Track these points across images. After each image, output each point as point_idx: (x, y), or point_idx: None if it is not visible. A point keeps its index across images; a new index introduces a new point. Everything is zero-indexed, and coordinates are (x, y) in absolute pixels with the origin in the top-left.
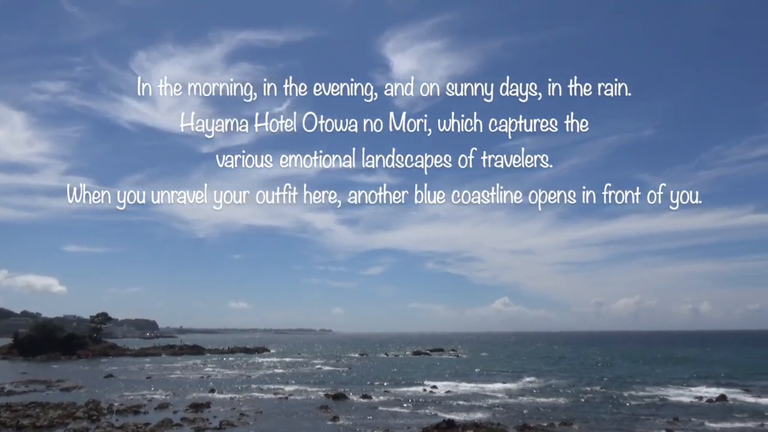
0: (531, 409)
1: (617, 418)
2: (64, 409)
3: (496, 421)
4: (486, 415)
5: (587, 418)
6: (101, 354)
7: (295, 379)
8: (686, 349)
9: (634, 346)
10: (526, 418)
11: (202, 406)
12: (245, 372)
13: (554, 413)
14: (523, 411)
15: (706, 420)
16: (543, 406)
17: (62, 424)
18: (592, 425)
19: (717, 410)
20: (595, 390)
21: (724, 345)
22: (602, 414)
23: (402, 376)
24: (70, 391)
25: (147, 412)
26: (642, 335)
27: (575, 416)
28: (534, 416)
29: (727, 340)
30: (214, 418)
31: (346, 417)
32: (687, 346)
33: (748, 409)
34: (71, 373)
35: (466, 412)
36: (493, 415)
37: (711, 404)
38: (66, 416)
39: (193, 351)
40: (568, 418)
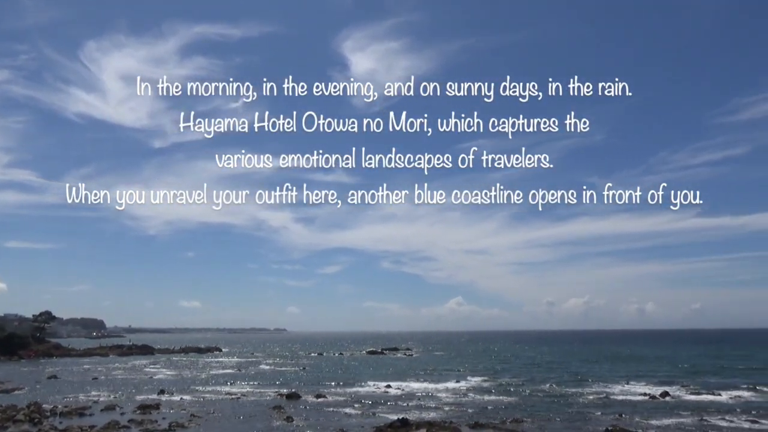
0: (483, 407)
1: (566, 415)
2: (4, 411)
3: (449, 420)
4: (439, 414)
5: (538, 415)
6: (44, 354)
7: (248, 379)
8: (632, 347)
9: (583, 345)
10: (478, 416)
11: (151, 407)
12: (196, 372)
13: (506, 411)
14: (475, 409)
15: (650, 416)
16: (495, 404)
17: (1, 427)
18: (542, 423)
19: (660, 407)
20: (546, 388)
21: (667, 343)
22: (552, 411)
23: (356, 375)
24: (10, 393)
25: (93, 414)
26: (591, 334)
27: (526, 414)
28: (486, 414)
29: (670, 339)
30: (164, 419)
31: (299, 417)
32: (633, 344)
33: (689, 405)
34: (12, 375)
35: (419, 411)
36: (446, 414)
37: (654, 401)
38: (5, 419)
39: (143, 351)
40: (519, 415)
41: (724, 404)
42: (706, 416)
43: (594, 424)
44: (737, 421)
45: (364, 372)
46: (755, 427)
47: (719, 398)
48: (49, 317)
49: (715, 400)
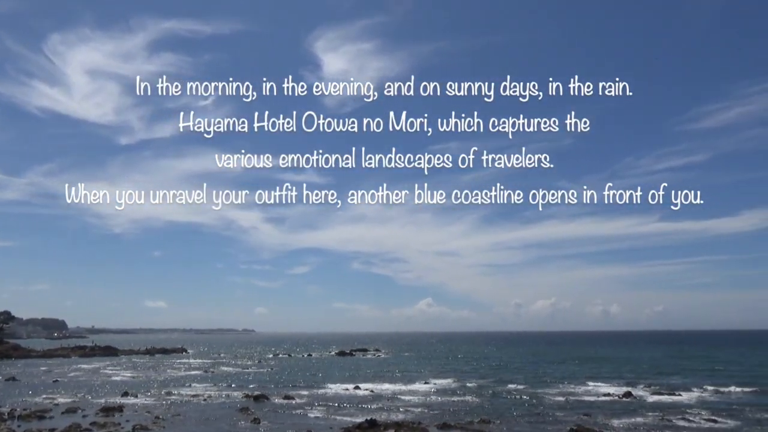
0: (452, 407)
1: (532, 416)
2: None
3: (417, 420)
4: (408, 415)
5: (505, 415)
6: (2, 356)
7: (214, 380)
8: (597, 348)
9: (550, 346)
10: (446, 417)
11: (114, 409)
12: (161, 374)
13: (473, 412)
14: (443, 410)
15: (613, 416)
16: (463, 405)
17: None
18: (509, 423)
19: (623, 407)
20: (513, 389)
21: (631, 345)
22: (519, 412)
23: (325, 376)
24: None
25: (53, 417)
26: (557, 335)
27: (494, 414)
28: (454, 415)
29: (634, 340)
30: (127, 422)
31: (267, 418)
32: (598, 345)
33: (651, 405)
34: None
35: (387, 412)
36: (415, 415)
37: (618, 401)
38: None
39: (106, 352)
40: (486, 416)
41: (685, 404)
42: (668, 416)
43: (559, 424)
44: (697, 421)
45: (332, 373)
46: (715, 426)
47: (680, 398)
48: (7, 317)
49: (676, 400)
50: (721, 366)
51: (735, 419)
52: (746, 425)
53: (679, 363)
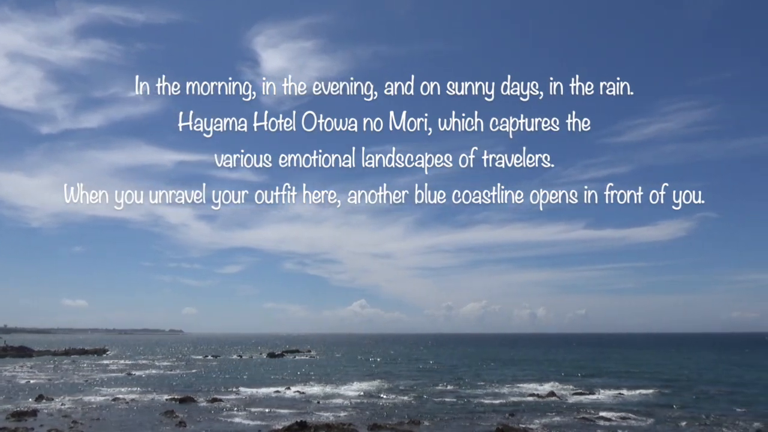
0: (382, 408)
1: (460, 416)
2: None
3: (348, 421)
4: (338, 416)
5: (434, 416)
6: None
7: (138, 382)
8: (524, 350)
9: (479, 347)
10: (377, 418)
11: (27, 414)
12: (80, 376)
13: (403, 412)
14: (374, 411)
15: (537, 415)
16: (393, 405)
17: None
18: (438, 423)
19: (546, 406)
20: (442, 390)
21: (556, 346)
22: (447, 412)
23: (255, 377)
24: None
25: None
26: (487, 337)
27: (423, 415)
28: (384, 416)
29: (558, 342)
30: (41, 427)
31: (193, 422)
32: (525, 347)
33: (572, 404)
34: None
35: (318, 414)
36: (345, 416)
37: (541, 400)
38: None
39: (20, 353)
40: (416, 417)
41: (605, 403)
42: (587, 414)
43: (485, 423)
44: (615, 419)
45: (263, 374)
46: (632, 424)
47: (600, 398)
48: None
49: (596, 400)
50: (639, 367)
51: (649, 417)
52: (659, 422)
53: (599, 364)
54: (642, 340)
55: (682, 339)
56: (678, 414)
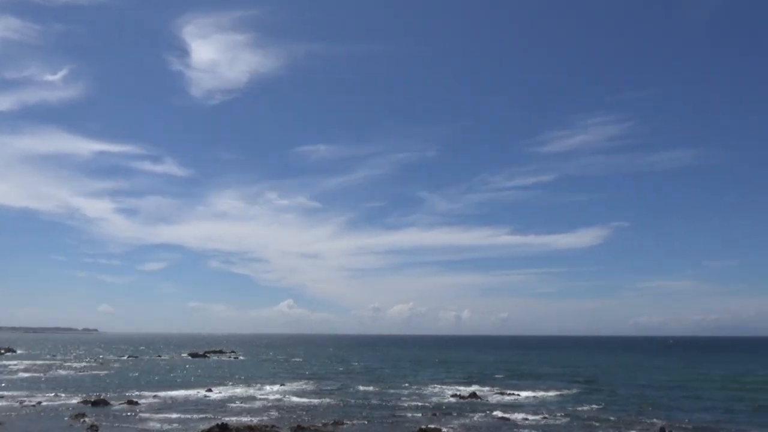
0: (306, 410)
1: (385, 417)
2: None
3: (270, 423)
4: (261, 418)
5: (358, 417)
6: None
7: (47, 384)
8: (449, 352)
9: (405, 349)
10: (300, 420)
11: None
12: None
13: (327, 414)
14: (298, 412)
15: (459, 415)
16: (317, 407)
17: None
18: (362, 424)
19: (469, 406)
20: (368, 391)
21: (479, 348)
22: (372, 413)
23: (175, 379)
24: None
25: None
26: (413, 339)
27: (348, 416)
28: (309, 417)
29: (482, 344)
30: None
31: (106, 425)
32: (450, 349)
33: (493, 404)
34: None
35: (240, 416)
36: (268, 418)
37: (464, 401)
38: None
39: None
40: (340, 418)
41: (524, 403)
42: (507, 413)
43: (409, 423)
44: (532, 417)
45: (183, 376)
46: (549, 422)
47: (520, 398)
48: None
49: (516, 400)
50: (556, 369)
51: (564, 417)
52: (573, 421)
53: (520, 366)
54: (560, 343)
55: (596, 342)
56: (591, 414)
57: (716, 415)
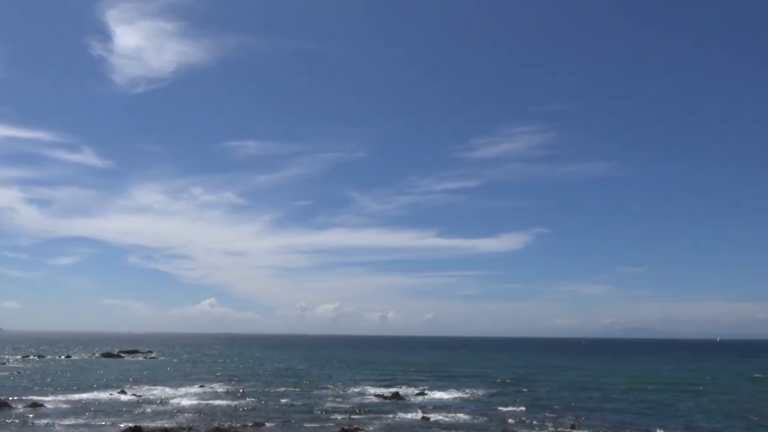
0: (225, 411)
1: (307, 417)
2: None
3: (187, 425)
4: (177, 420)
5: (280, 417)
6: None
7: None
8: (374, 352)
9: (330, 348)
10: (219, 421)
11: None
12: None
13: (247, 415)
14: (217, 413)
15: (381, 415)
16: (237, 408)
17: None
18: (282, 425)
19: (392, 406)
20: (290, 391)
21: (404, 349)
22: (293, 414)
23: (86, 380)
24: None
25: None
26: (339, 339)
27: (268, 417)
28: (227, 418)
29: (407, 345)
30: None
31: (7, 430)
32: (375, 349)
33: (415, 404)
34: None
35: (155, 418)
36: (185, 420)
37: (387, 401)
38: None
39: None
40: (261, 419)
41: (446, 403)
42: (429, 414)
43: (330, 424)
44: (453, 417)
45: (95, 376)
46: (469, 422)
47: (442, 398)
48: None
49: (438, 400)
50: (478, 369)
51: (483, 416)
52: (491, 421)
53: (443, 367)
54: (483, 344)
55: (516, 343)
56: (509, 413)
57: (625, 415)
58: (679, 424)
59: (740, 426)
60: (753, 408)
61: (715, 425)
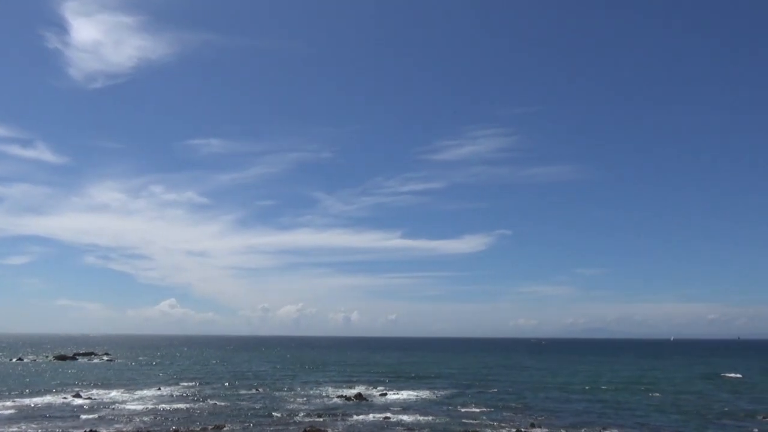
0: (184, 415)
1: (269, 419)
2: None
3: (145, 430)
4: (134, 424)
5: (240, 420)
6: None
7: None
8: (337, 353)
9: (294, 350)
10: (177, 424)
11: None
12: None
13: (208, 418)
14: (176, 416)
15: (344, 416)
16: (197, 411)
17: None
18: (244, 428)
19: (354, 407)
20: (252, 393)
21: (367, 349)
22: (256, 416)
23: (37, 384)
24: None
25: None
26: (302, 340)
27: (229, 419)
28: (186, 422)
29: (370, 345)
30: None
31: None
32: (338, 350)
33: (378, 404)
34: None
35: (111, 423)
36: (143, 424)
37: (350, 402)
38: None
39: None
40: (222, 421)
41: (408, 403)
42: (391, 414)
43: (293, 426)
44: (415, 417)
45: (47, 380)
46: (431, 421)
47: (404, 398)
48: None
49: (401, 400)
50: (441, 370)
51: (445, 416)
52: (454, 419)
53: (407, 367)
54: (446, 344)
55: (479, 343)
56: (471, 413)
57: (584, 414)
58: (636, 422)
59: (693, 422)
60: (705, 405)
61: (670, 422)
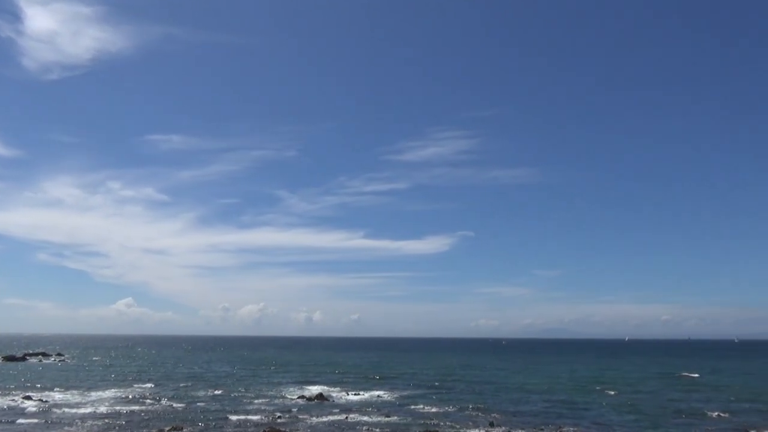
0: (141, 416)
1: (228, 420)
2: None
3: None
4: (88, 427)
5: (199, 421)
6: None
7: None
8: (299, 353)
9: (254, 350)
10: (132, 427)
11: None
12: None
13: (165, 419)
14: (131, 419)
15: (305, 416)
16: (154, 412)
17: None
18: (202, 429)
19: (316, 407)
20: (211, 394)
21: (330, 349)
22: (214, 417)
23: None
24: None
25: None
26: (263, 340)
27: (188, 420)
28: (142, 424)
29: (332, 345)
30: None
31: None
32: (300, 350)
33: (339, 405)
34: None
35: (63, 426)
36: (97, 427)
37: (311, 402)
38: None
39: None
40: (180, 423)
41: (369, 403)
42: (352, 414)
43: (253, 426)
44: (375, 418)
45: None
46: (392, 422)
47: (365, 398)
48: None
49: (362, 400)
50: (402, 370)
51: (407, 415)
52: (415, 419)
53: (369, 367)
54: (408, 344)
55: (440, 343)
56: (432, 413)
57: (542, 414)
58: (592, 422)
59: (647, 420)
60: (659, 403)
61: (625, 421)
